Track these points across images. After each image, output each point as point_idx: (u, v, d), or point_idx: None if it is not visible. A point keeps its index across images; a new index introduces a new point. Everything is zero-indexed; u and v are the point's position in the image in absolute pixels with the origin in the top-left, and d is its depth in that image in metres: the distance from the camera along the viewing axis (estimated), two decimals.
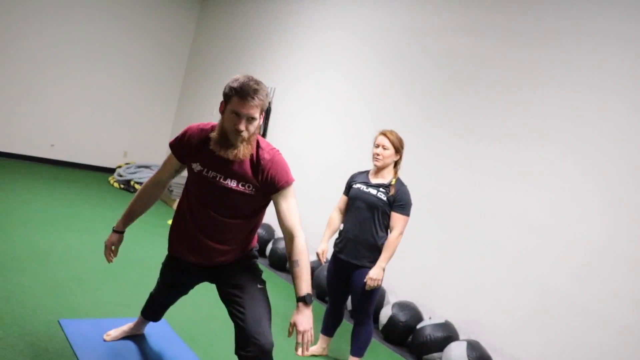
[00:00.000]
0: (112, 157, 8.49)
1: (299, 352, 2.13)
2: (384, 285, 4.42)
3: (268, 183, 2.30)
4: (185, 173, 2.54)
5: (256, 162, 2.30)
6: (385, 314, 4.16)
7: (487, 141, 4.11)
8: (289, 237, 2.30)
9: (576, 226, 3.48)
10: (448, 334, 3.83)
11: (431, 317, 4.10)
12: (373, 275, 3.11)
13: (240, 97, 2.15)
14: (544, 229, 3.65)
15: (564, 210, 3.57)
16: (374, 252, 3.18)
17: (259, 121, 2.25)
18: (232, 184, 2.31)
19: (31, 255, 4.12)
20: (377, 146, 3.23)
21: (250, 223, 2.47)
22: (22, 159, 7.73)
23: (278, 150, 2.39)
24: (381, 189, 3.18)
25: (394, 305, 4.17)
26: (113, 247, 2.63)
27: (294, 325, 2.15)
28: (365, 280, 3.14)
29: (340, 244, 3.31)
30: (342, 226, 3.39)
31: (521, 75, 3.94)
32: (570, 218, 3.52)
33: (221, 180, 2.31)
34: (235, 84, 2.18)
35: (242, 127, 2.18)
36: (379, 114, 5.08)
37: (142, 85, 8.53)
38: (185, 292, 2.85)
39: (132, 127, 8.58)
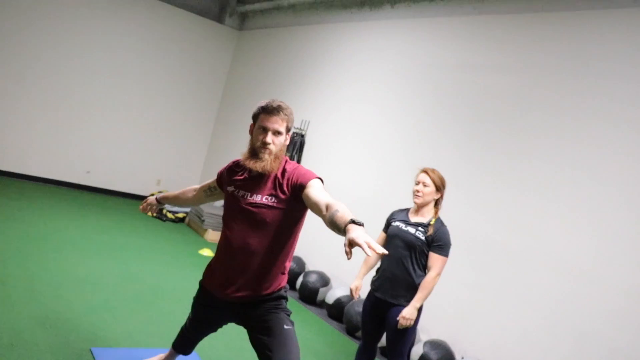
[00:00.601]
0: (146, 185, 8.63)
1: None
2: None
3: (295, 185, 2.38)
4: (218, 203, 2.62)
5: (282, 174, 2.45)
6: (416, 352, 4.06)
7: (522, 186, 4.04)
8: (325, 206, 2.11)
9: (614, 270, 3.38)
10: None
11: (464, 357, 4.01)
12: (406, 314, 3.06)
13: (266, 112, 2.42)
14: (581, 272, 3.54)
15: (601, 254, 3.47)
16: (412, 291, 3.13)
17: (284, 138, 2.46)
18: (258, 198, 2.42)
19: (66, 281, 4.19)
20: (418, 183, 3.21)
21: (276, 249, 2.46)
22: (59, 185, 7.92)
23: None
24: (420, 228, 3.15)
25: (425, 344, 4.08)
26: (149, 207, 3.11)
27: (350, 244, 1.78)
28: (397, 319, 3.09)
29: (377, 282, 3.26)
30: (379, 264, 3.35)
31: (562, 121, 3.89)
32: (609, 262, 3.42)
33: (248, 197, 2.45)
34: (262, 104, 2.45)
35: (269, 139, 2.39)
36: (412, 150, 5.07)
37: (177, 115, 8.72)
38: (213, 329, 2.87)
39: (166, 156, 8.74)
